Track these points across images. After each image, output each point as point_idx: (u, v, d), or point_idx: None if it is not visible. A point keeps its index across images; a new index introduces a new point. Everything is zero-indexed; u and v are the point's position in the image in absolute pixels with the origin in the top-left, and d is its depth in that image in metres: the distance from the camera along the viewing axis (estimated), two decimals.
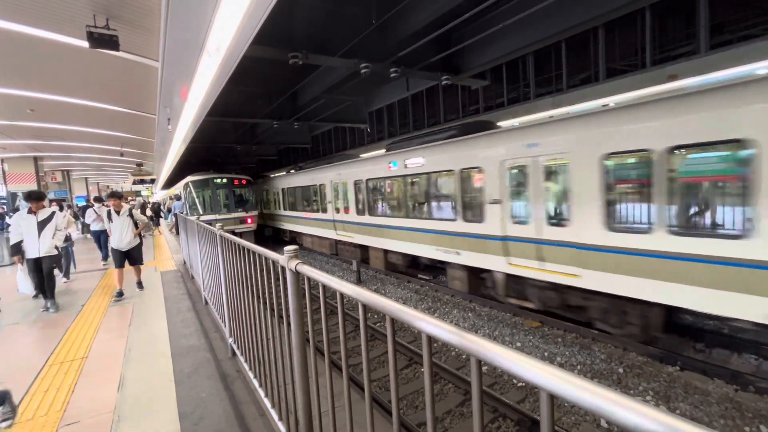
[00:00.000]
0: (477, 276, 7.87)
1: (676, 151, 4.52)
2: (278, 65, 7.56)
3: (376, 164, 10.17)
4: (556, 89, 9.14)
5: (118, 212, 6.52)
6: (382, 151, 10.86)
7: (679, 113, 4.48)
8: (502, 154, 6.60)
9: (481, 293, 8.08)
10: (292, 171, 16.63)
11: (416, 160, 8.69)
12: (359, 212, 11.03)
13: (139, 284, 6.89)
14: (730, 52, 6.31)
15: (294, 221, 16.03)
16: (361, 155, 12.64)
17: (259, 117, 12.35)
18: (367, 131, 15.74)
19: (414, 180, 9.00)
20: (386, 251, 10.47)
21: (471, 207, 7.44)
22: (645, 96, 5.33)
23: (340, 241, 12.81)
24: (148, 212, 19.79)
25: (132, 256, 6.67)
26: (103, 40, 5.20)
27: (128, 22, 5.42)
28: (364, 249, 11.59)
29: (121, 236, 6.48)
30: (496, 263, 6.95)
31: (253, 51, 5.55)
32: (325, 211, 13.06)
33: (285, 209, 16.85)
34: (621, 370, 5.16)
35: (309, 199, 14.31)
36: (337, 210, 12.26)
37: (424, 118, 13.06)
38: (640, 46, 7.58)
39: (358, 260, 11.27)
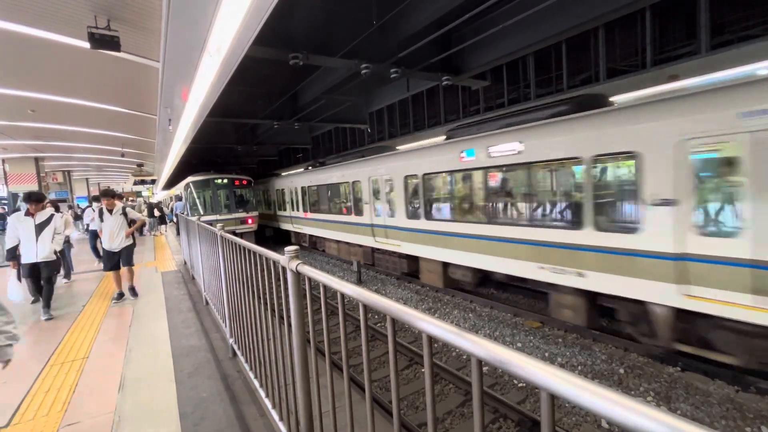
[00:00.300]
0: (602, 306, 5.92)
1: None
2: (279, 66, 7.57)
3: (438, 155, 8.08)
4: (556, 89, 9.14)
5: (110, 211, 6.16)
6: (438, 139, 9.13)
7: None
8: (682, 131, 4.41)
9: (601, 327, 6.25)
10: (313, 167, 14.73)
11: (508, 147, 6.49)
12: (411, 215, 8.95)
13: (132, 291, 6.34)
14: (731, 53, 6.31)
15: (316, 225, 14.01)
16: (398, 147, 10.92)
17: (260, 117, 12.36)
18: (368, 132, 15.75)
19: (503, 172, 6.83)
20: (447, 265, 8.32)
21: (611, 210, 5.37)
22: (644, 97, 5.42)
23: (378, 249, 10.67)
24: (156, 212, 19.82)
25: (123, 257, 6.25)
26: (104, 40, 5.21)
27: (129, 22, 5.44)
28: (412, 260, 9.55)
29: (112, 236, 6.12)
30: (659, 293, 4.76)
31: (253, 51, 5.55)
32: (359, 213, 10.99)
33: (304, 211, 14.85)
34: (622, 371, 5.16)
35: (337, 199, 12.38)
36: (377, 212, 10.21)
37: (425, 118, 13.06)
38: (640, 47, 7.57)
39: (402, 273, 9.73)
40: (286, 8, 5.40)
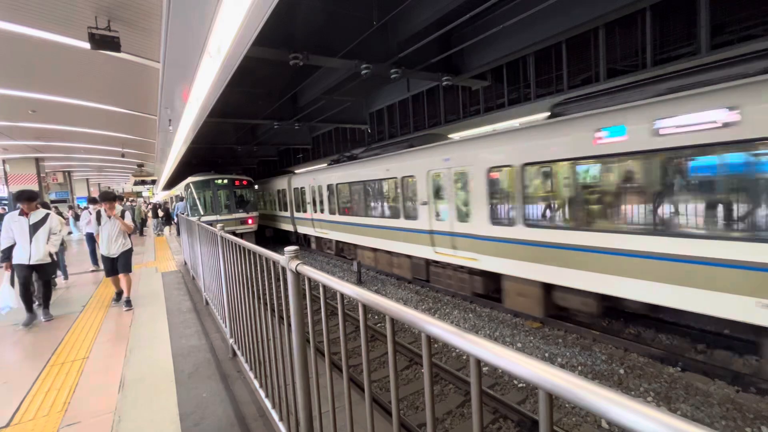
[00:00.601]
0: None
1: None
2: (279, 66, 7.59)
3: (550, 137, 5.86)
4: (556, 90, 9.14)
5: (109, 216, 5.79)
6: (535, 117, 7.95)
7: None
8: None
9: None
10: (339, 161, 12.70)
11: (703, 117, 4.28)
12: (497, 220, 6.83)
13: (128, 303, 5.78)
14: (731, 53, 6.31)
15: (347, 229, 11.79)
16: (450, 136, 9.59)
17: (260, 118, 12.38)
18: (368, 132, 15.76)
19: (690, 157, 4.52)
20: (552, 288, 6.29)
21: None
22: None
23: (437, 262, 8.53)
24: (160, 213, 19.79)
25: (120, 263, 5.81)
26: (104, 41, 5.22)
27: (129, 23, 5.44)
28: (490, 278, 7.45)
29: (110, 241, 5.75)
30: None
31: (254, 52, 5.56)
32: (411, 216, 8.87)
33: (330, 213, 12.56)
34: (622, 371, 5.15)
35: (379, 199, 10.23)
36: (440, 216, 8.09)
37: (425, 118, 13.07)
38: (640, 47, 7.58)
39: (472, 293, 7.92)
40: (286, 9, 5.41)
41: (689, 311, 4.58)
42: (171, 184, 26.56)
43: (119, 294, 6.14)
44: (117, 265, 5.84)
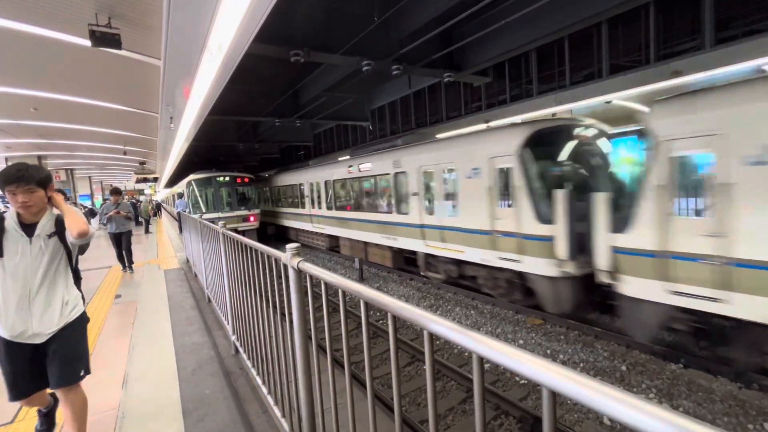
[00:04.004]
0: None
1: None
2: (280, 63, 7.56)
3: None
4: (558, 86, 9.09)
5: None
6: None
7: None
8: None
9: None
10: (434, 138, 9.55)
11: None
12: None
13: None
14: (736, 48, 6.25)
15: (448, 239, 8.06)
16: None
17: (262, 115, 12.36)
18: (369, 129, 15.73)
19: None
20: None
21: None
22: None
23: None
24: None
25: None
26: (105, 38, 5.22)
27: (130, 20, 5.44)
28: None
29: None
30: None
31: (254, 49, 5.53)
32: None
33: (425, 213, 8.56)
34: (624, 368, 5.15)
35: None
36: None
37: (426, 115, 13.03)
38: (644, 42, 7.52)
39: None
40: (286, 5, 5.38)
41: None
42: (173, 181, 26.62)
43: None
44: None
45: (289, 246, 1.86)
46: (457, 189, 7.58)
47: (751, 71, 5.62)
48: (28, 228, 2.18)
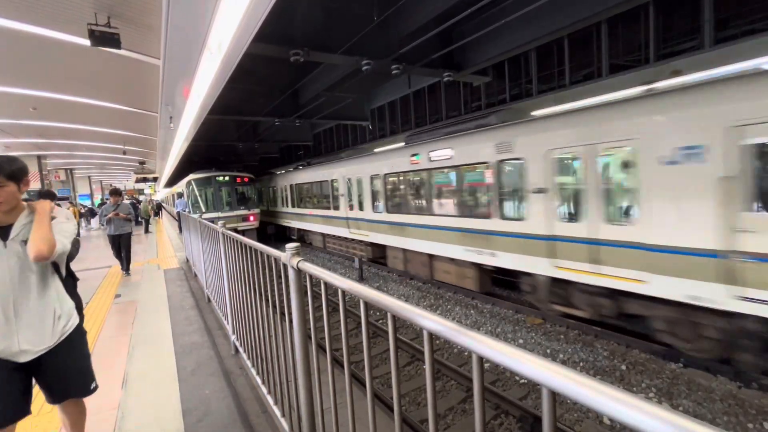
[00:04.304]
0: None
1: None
2: (279, 63, 7.55)
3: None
4: (558, 85, 9.09)
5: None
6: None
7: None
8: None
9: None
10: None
11: None
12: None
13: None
14: (736, 47, 6.25)
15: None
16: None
17: (261, 115, 12.35)
18: (369, 128, 15.72)
19: None
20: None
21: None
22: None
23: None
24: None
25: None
26: (104, 38, 5.21)
27: (129, 20, 5.43)
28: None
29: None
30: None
31: (254, 48, 5.52)
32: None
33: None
34: (624, 367, 5.16)
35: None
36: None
37: (426, 115, 13.02)
38: (643, 42, 7.51)
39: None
40: (286, 5, 5.38)
41: None
42: (173, 181, 26.60)
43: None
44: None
45: (289, 246, 1.86)
46: (638, 184, 5.03)
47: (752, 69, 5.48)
48: (2, 230, 1.87)
